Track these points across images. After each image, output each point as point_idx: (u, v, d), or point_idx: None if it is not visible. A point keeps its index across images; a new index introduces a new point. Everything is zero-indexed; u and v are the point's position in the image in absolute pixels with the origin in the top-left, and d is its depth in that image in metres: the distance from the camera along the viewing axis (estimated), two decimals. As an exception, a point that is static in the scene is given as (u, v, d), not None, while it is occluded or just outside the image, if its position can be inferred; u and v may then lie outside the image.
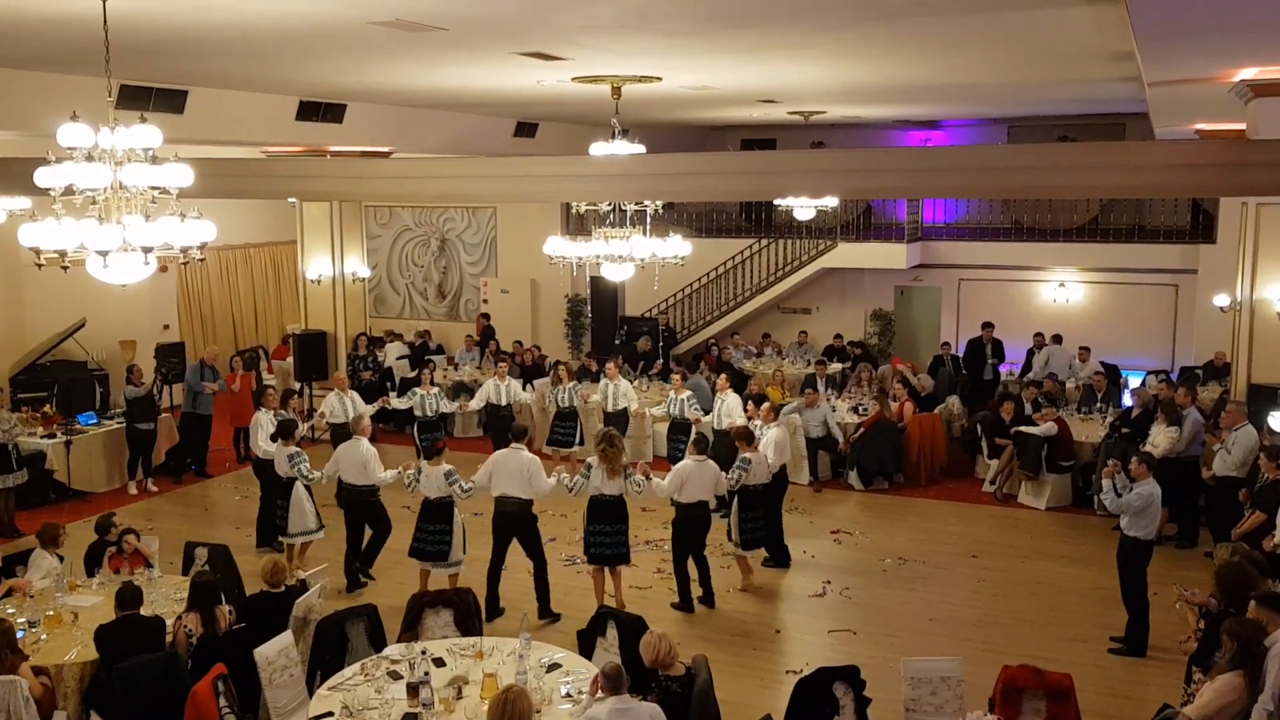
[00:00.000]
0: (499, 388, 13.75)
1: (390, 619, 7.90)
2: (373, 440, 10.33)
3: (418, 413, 13.38)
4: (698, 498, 9.61)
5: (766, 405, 11.66)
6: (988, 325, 17.07)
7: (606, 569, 9.51)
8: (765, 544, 10.64)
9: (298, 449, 10.28)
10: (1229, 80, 8.55)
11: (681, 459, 10.00)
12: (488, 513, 9.68)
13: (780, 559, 10.81)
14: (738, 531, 10.18)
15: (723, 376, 13.32)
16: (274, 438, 10.53)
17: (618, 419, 13.63)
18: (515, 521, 9.41)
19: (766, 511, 10.50)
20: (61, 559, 8.62)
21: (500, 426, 13.50)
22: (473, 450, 14.06)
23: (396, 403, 13.72)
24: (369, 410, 12.32)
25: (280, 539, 10.52)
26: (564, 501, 10.29)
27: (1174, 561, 10.16)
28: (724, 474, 9.83)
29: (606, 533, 9.35)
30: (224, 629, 7.12)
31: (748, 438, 10.34)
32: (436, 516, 9.53)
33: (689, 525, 9.69)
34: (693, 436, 11.24)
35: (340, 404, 12.48)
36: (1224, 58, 7.36)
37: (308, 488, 10.30)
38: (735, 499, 10.15)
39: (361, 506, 10.14)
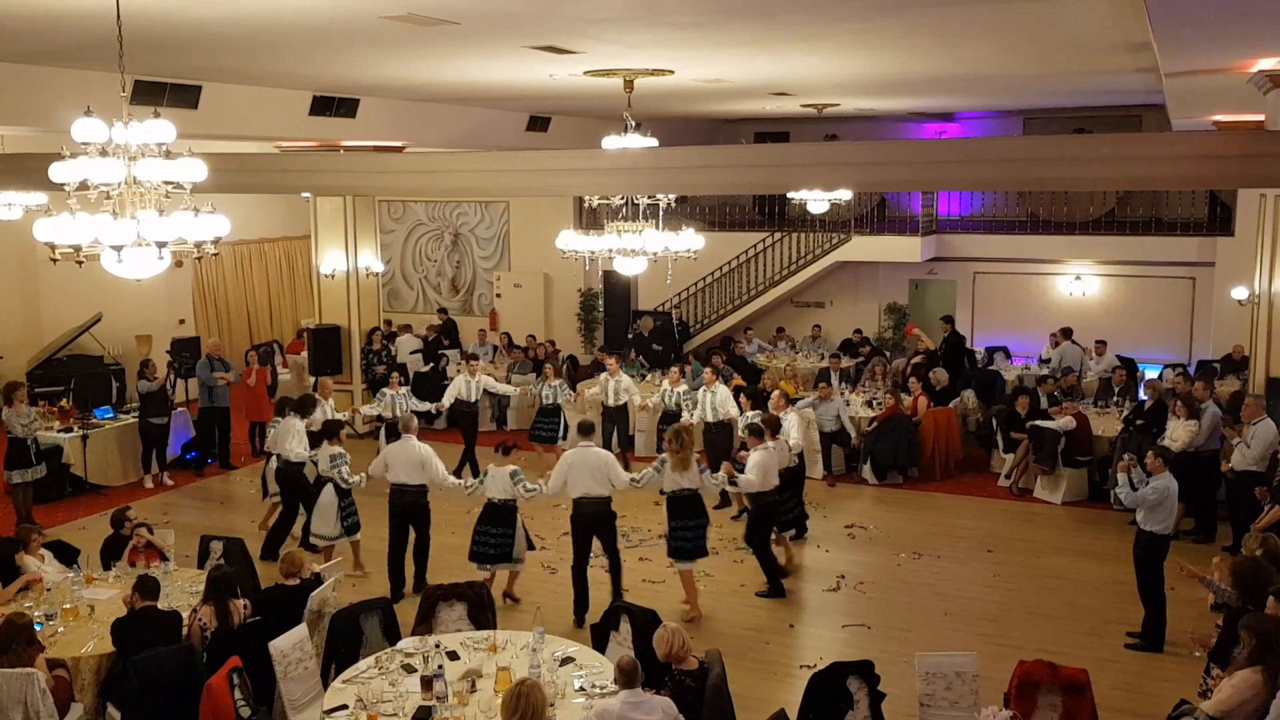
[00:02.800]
0: (469, 384, 13.46)
1: (404, 612, 7.93)
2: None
3: (386, 415, 12.96)
4: (775, 483, 9.88)
5: (777, 393, 11.75)
6: (947, 318, 17.32)
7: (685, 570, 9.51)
8: (798, 524, 10.78)
9: (341, 450, 10.09)
10: (1248, 71, 8.46)
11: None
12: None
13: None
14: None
15: (708, 371, 13.37)
16: (319, 437, 10.32)
17: (619, 414, 13.66)
18: (595, 520, 9.30)
19: (794, 492, 10.71)
20: (74, 559, 8.68)
21: (467, 423, 13.56)
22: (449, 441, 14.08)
23: (365, 409, 13.36)
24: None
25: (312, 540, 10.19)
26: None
27: (1191, 556, 10.07)
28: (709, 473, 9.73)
29: (686, 527, 9.39)
30: (239, 622, 7.14)
31: (775, 426, 10.40)
32: (499, 519, 9.35)
33: (770, 511, 9.96)
34: (738, 425, 11.70)
35: (320, 411, 11.70)
36: (1243, 47, 7.28)
37: (340, 492, 10.03)
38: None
39: (410, 508, 9.83)
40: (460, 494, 9.96)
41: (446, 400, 13.49)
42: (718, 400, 12.52)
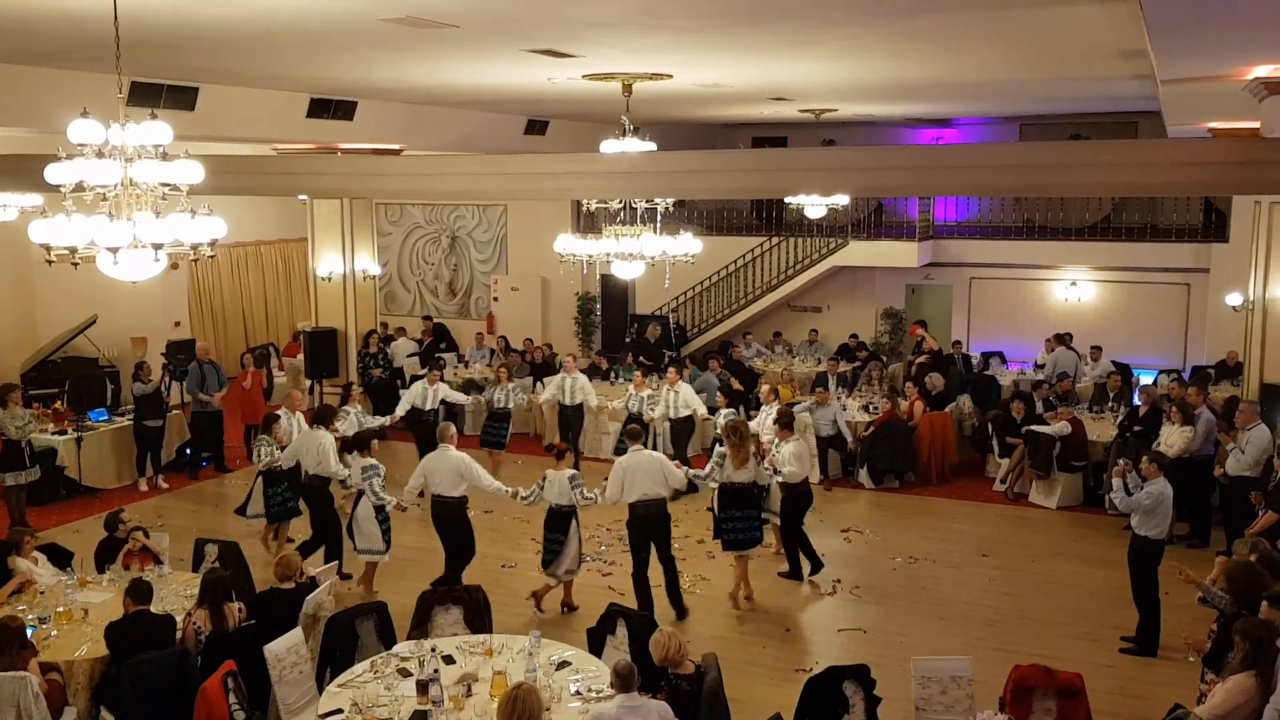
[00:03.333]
0: (426, 393, 13.19)
1: (400, 616, 7.91)
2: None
3: (350, 432, 11.61)
4: (808, 472, 10.49)
5: (766, 387, 11.84)
6: (921, 323, 17.55)
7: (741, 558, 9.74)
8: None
9: (375, 462, 9.78)
10: (1243, 78, 8.50)
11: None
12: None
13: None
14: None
15: (671, 371, 13.50)
16: (348, 448, 10.03)
17: (575, 413, 13.70)
18: (654, 522, 9.33)
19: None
20: (68, 562, 8.66)
21: (424, 431, 12.59)
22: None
23: (342, 428, 11.86)
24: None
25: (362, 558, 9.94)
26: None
27: (1186, 561, 10.06)
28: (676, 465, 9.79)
29: (738, 518, 9.56)
30: (234, 626, 7.13)
31: (787, 422, 10.53)
32: (557, 524, 9.29)
33: (804, 499, 10.33)
34: (766, 418, 11.70)
35: (288, 423, 11.35)
36: (1238, 55, 7.31)
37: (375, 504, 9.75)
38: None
39: (450, 520, 9.61)
40: (504, 499, 9.94)
41: (400, 410, 13.09)
42: (679, 399, 12.95)
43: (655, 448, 12.66)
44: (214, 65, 9.84)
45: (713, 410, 12.86)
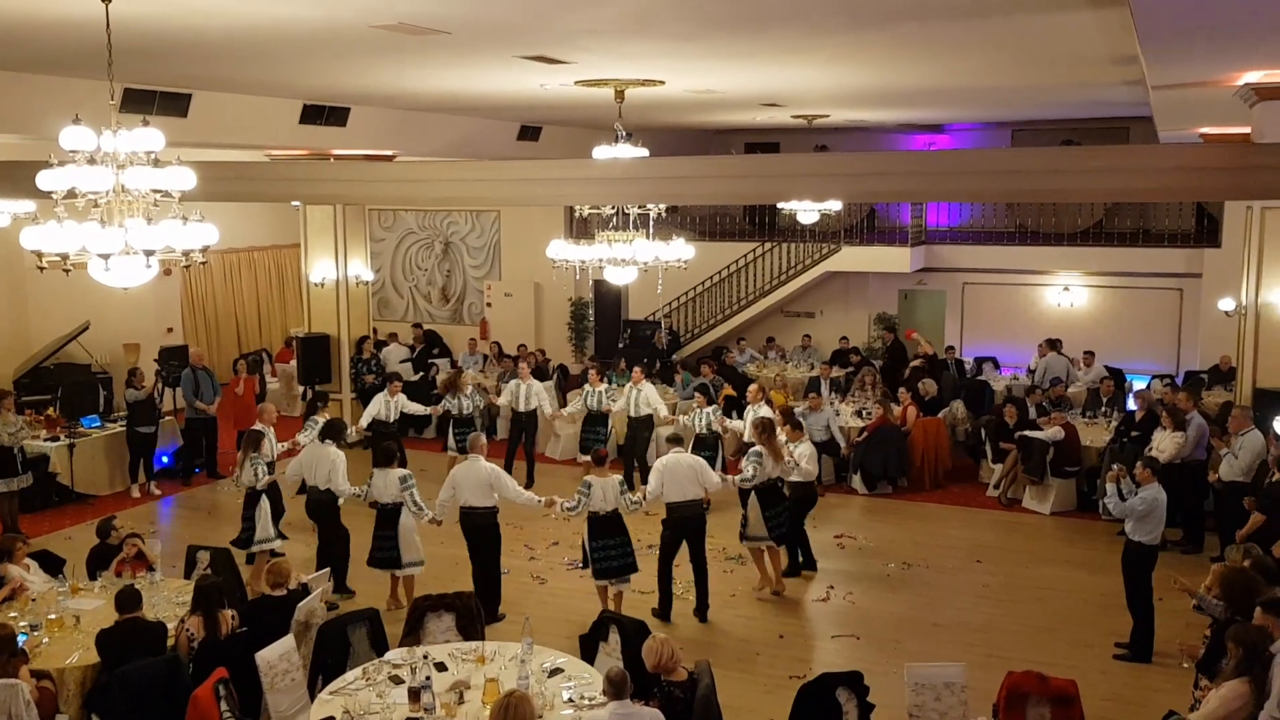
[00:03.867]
0: (388, 404, 12.99)
1: (392, 623, 7.89)
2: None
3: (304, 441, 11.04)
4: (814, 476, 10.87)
5: (754, 387, 12.00)
6: (889, 328, 17.96)
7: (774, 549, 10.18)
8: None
9: (408, 472, 9.65)
10: (1234, 84, 8.51)
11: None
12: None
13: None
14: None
15: (636, 370, 13.59)
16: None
17: (528, 419, 13.75)
18: (691, 523, 9.53)
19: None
20: (60, 569, 8.63)
21: (381, 443, 11.34)
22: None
23: (303, 440, 11.12)
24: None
25: (394, 571, 9.72)
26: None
27: (1180, 567, 10.09)
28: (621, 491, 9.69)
29: (779, 513, 10.09)
30: (226, 633, 7.10)
31: (795, 422, 10.78)
32: (613, 529, 9.19)
33: (810, 499, 10.88)
34: (702, 424, 12.12)
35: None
36: (1229, 61, 7.32)
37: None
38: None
39: (480, 530, 9.42)
40: (537, 510, 9.95)
41: (364, 419, 12.91)
42: (641, 398, 13.11)
43: (607, 443, 12.85)
44: (206, 72, 9.82)
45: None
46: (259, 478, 10.05)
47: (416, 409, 13.54)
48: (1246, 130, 10.57)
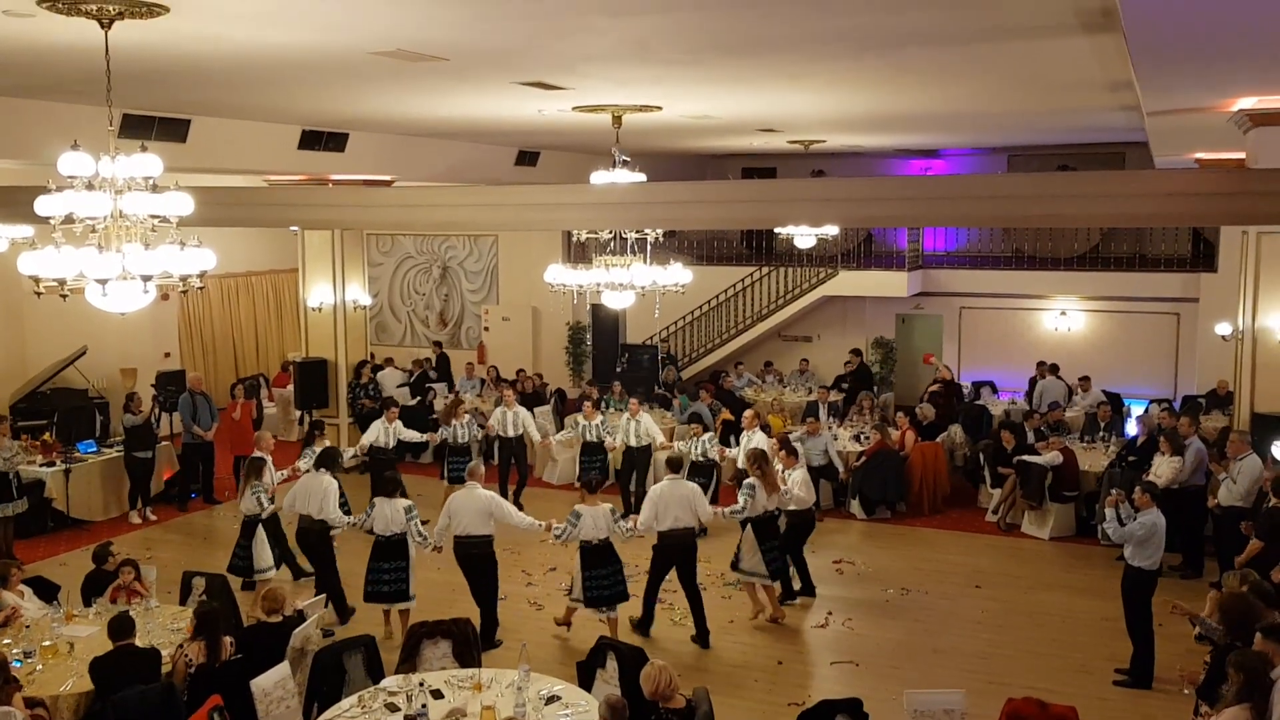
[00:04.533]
0: (386, 430, 12.95)
1: (388, 650, 7.84)
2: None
3: (303, 467, 10.96)
4: (814, 497, 10.81)
5: (749, 413, 11.99)
6: (856, 352, 18.03)
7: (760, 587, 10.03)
8: (783, 575, 10.57)
9: (411, 503, 9.49)
10: (1228, 109, 8.57)
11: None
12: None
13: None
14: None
15: (634, 401, 13.58)
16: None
17: (516, 445, 13.77)
18: (682, 550, 9.47)
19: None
20: (54, 595, 8.57)
21: (385, 468, 11.85)
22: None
23: (304, 466, 11.32)
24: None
25: (391, 606, 9.53)
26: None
27: (1179, 592, 10.06)
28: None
29: (775, 547, 10.01)
30: (222, 660, 7.05)
31: (790, 449, 10.73)
32: (605, 559, 9.21)
33: (808, 525, 10.76)
34: (699, 451, 12.11)
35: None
36: (1222, 87, 7.37)
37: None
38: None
39: (476, 559, 9.32)
40: (535, 535, 9.94)
41: (365, 441, 12.86)
42: (640, 429, 13.10)
43: (607, 474, 13.00)
44: (205, 98, 9.86)
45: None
46: (262, 506, 10.02)
47: (413, 436, 13.52)
48: (1241, 155, 10.62)
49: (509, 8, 5.89)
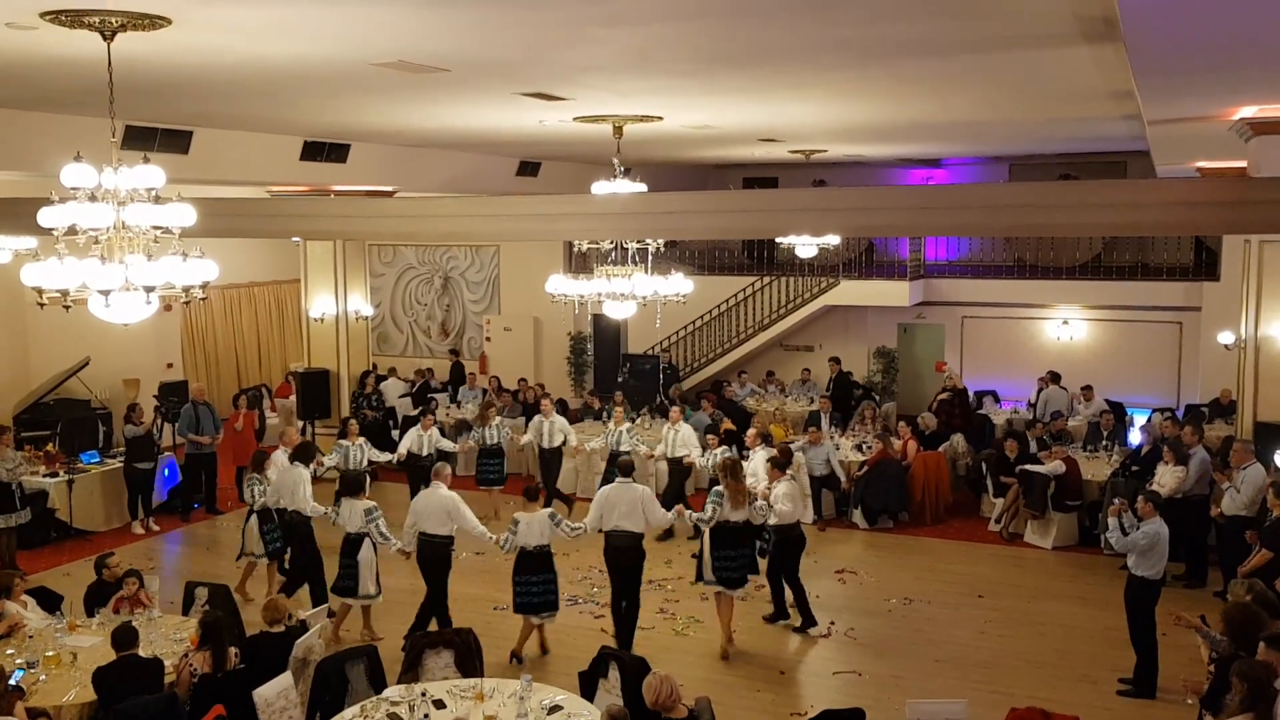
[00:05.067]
0: (421, 438, 13.22)
1: (391, 660, 7.83)
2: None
3: (341, 466, 12.14)
4: (801, 514, 10.30)
5: (753, 432, 11.84)
6: (835, 359, 18.04)
7: (726, 596, 9.66)
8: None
9: (375, 504, 9.75)
10: (1229, 118, 8.56)
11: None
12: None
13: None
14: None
15: (674, 410, 13.46)
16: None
17: (553, 456, 13.70)
18: (624, 554, 9.36)
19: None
20: (57, 605, 8.57)
21: (420, 475, 12.49)
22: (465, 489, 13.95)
23: (326, 460, 12.48)
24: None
25: (347, 602, 9.85)
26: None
27: (1183, 602, 10.05)
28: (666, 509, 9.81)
29: (732, 557, 9.53)
30: (225, 670, 7.04)
31: (788, 456, 10.60)
32: (538, 566, 9.19)
33: (796, 542, 10.19)
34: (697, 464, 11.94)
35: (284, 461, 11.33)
36: (1223, 96, 7.37)
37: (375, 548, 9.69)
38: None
39: (436, 559, 9.49)
40: (488, 545, 9.83)
41: (403, 448, 13.17)
42: (680, 438, 12.95)
43: (551, 483, 13.06)
44: (208, 109, 9.88)
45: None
46: (254, 498, 10.67)
47: (448, 445, 13.76)
48: (1243, 164, 10.62)
49: (510, 19, 5.91)
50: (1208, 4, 4.24)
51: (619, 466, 9.79)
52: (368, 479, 10.31)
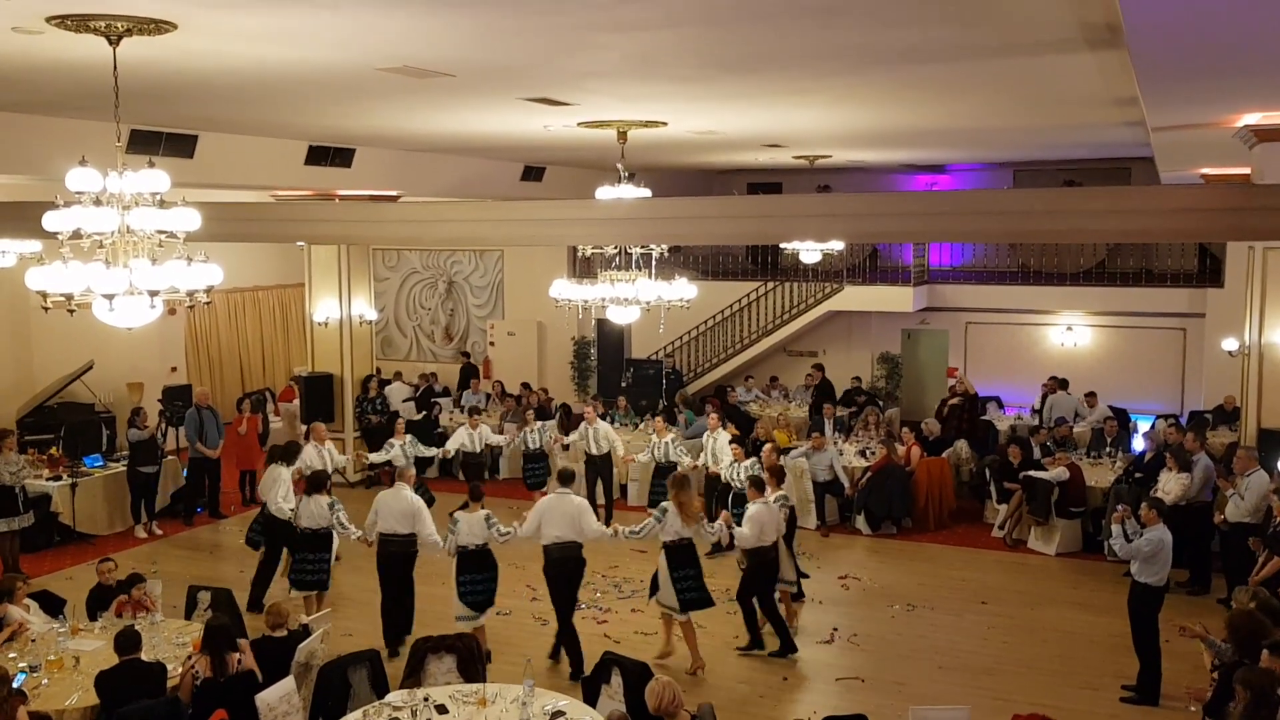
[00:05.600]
0: (471, 436, 13.71)
1: (393, 665, 7.83)
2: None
3: (398, 462, 12.26)
4: (771, 539, 9.59)
5: (769, 447, 11.65)
6: (818, 367, 18.14)
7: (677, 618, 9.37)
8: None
9: (335, 499, 10.13)
10: (1233, 125, 8.57)
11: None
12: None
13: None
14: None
15: (713, 417, 13.35)
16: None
17: (602, 462, 13.59)
18: (563, 565, 9.23)
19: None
20: (60, 609, 8.57)
21: (475, 473, 13.61)
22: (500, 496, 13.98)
23: (374, 457, 13.52)
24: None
25: (309, 596, 10.16)
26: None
27: (1187, 608, 10.04)
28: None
29: (692, 575, 9.29)
30: (230, 673, 7.04)
31: (780, 475, 10.34)
32: (479, 565, 9.22)
33: (767, 567, 9.64)
34: (724, 474, 11.75)
35: (317, 455, 11.88)
36: (1227, 103, 7.37)
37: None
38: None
39: (396, 557, 9.61)
40: (439, 553, 9.71)
41: (451, 446, 13.79)
42: (717, 446, 12.68)
43: (605, 492, 13.18)
44: (213, 114, 9.91)
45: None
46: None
47: (498, 439, 14.22)
48: (1247, 171, 10.62)
49: (514, 25, 5.92)
50: (1211, 12, 4.25)
51: (559, 475, 9.65)
52: (329, 479, 10.70)
